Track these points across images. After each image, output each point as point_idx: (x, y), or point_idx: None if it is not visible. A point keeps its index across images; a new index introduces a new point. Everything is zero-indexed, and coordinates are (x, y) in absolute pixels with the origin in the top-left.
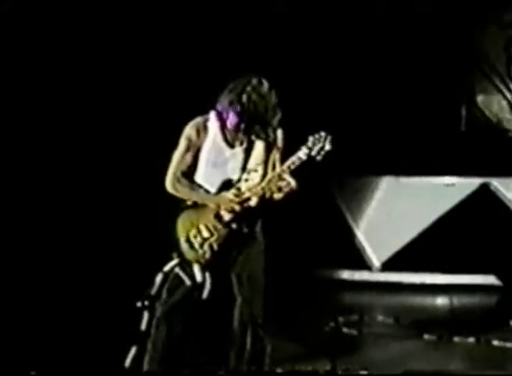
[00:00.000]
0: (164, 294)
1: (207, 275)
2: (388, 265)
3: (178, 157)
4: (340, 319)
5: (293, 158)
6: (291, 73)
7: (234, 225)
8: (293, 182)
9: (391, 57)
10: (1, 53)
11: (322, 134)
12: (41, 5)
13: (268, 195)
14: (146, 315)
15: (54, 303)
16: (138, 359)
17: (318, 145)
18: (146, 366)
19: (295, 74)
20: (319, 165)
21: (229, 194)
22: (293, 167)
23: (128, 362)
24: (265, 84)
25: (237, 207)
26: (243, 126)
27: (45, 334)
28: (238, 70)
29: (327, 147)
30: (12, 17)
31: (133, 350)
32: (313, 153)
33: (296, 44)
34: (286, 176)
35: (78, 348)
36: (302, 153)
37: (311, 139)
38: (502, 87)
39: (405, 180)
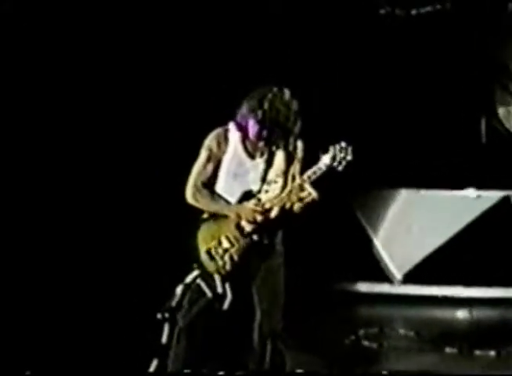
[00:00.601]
0: (185, 306)
1: (228, 286)
2: (409, 278)
3: (198, 168)
4: (361, 332)
5: (314, 168)
6: (311, 83)
7: (255, 236)
8: (314, 193)
9: (410, 70)
10: (1, 53)
11: (343, 144)
12: (41, 5)
13: (288, 206)
14: (166, 327)
15: (72, 314)
16: (159, 371)
17: (339, 155)
18: None
19: (315, 85)
20: (339, 177)
21: (251, 204)
22: (313, 177)
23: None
24: (287, 92)
25: (258, 218)
26: (265, 134)
27: (58, 344)
28: (258, 80)
29: (348, 158)
30: (12, 17)
31: (155, 362)
32: (334, 163)
33: (316, 55)
34: (308, 186)
35: (94, 358)
36: (323, 164)
37: (332, 149)
38: None
39: (425, 193)
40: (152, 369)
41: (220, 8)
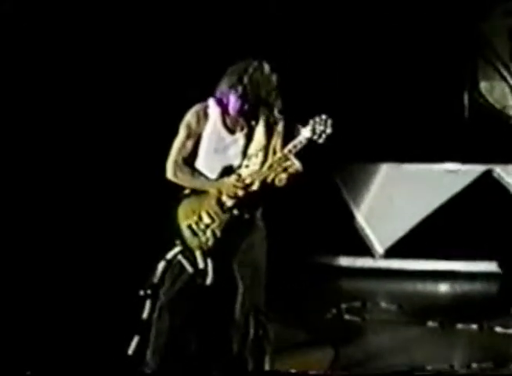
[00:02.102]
0: (167, 282)
1: (210, 262)
2: (391, 252)
3: (178, 145)
4: (343, 306)
5: (295, 142)
6: (291, 57)
7: (236, 211)
8: (297, 163)
9: (393, 44)
10: (1, 53)
11: (324, 117)
12: (41, 5)
13: (271, 178)
14: (148, 303)
15: (53, 296)
16: (140, 348)
17: (319, 128)
18: (149, 355)
19: (295, 59)
20: (321, 151)
21: (231, 179)
22: (294, 151)
23: (130, 350)
24: (266, 66)
25: (239, 193)
26: (246, 108)
27: (42, 330)
28: (237, 55)
29: (328, 131)
30: (12, 17)
31: (136, 339)
32: (314, 136)
33: (295, 29)
34: (291, 157)
35: (77, 342)
36: (303, 137)
37: (311, 122)
38: (505, 73)
39: (407, 167)
40: (133, 345)
41: None
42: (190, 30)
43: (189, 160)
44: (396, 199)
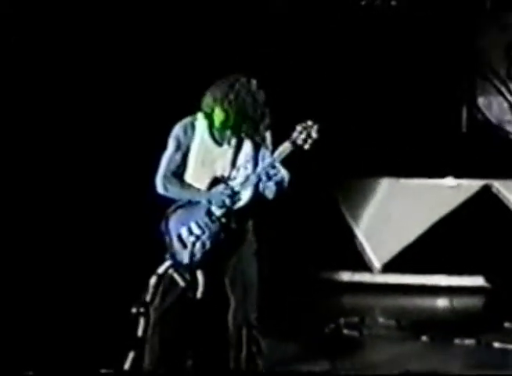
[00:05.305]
0: (159, 297)
1: (200, 274)
2: (389, 267)
3: (167, 158)
4: (341, 320)
5: (281, 148)
6: (289, 75)
7: (224, 220)
8: (283, 171)
9: (391, 58)
10: (1, 53)
11: (309, 123)
12: (41, 5)
13: (260, 188)
14: (142, 320)
15: (48, 306)
16: (136, 364)
17: (304, 134)
18: (144, 370)
19: (293, 77)
20: (321, 166)
21: (220, 188)
22: (281, 157)
23: (126, 366)
24: (254, 82)
25: (228, 201)
26: (230, 123)
27: (40, 336)
28: (226, 69)
29: (314, 136)
30: (12, 17)
31: (131, 355)
32: (300, 142)
33: (291, 44)
34: (277, 165)
35: (75, 350)
36: (288, 143)
37: (298, 128)
38: (502, 89)
39: (406, 182)
40: (128, 362)
41: None
42: (178, 44)
43: (178, 172)
44: (394, 214)
